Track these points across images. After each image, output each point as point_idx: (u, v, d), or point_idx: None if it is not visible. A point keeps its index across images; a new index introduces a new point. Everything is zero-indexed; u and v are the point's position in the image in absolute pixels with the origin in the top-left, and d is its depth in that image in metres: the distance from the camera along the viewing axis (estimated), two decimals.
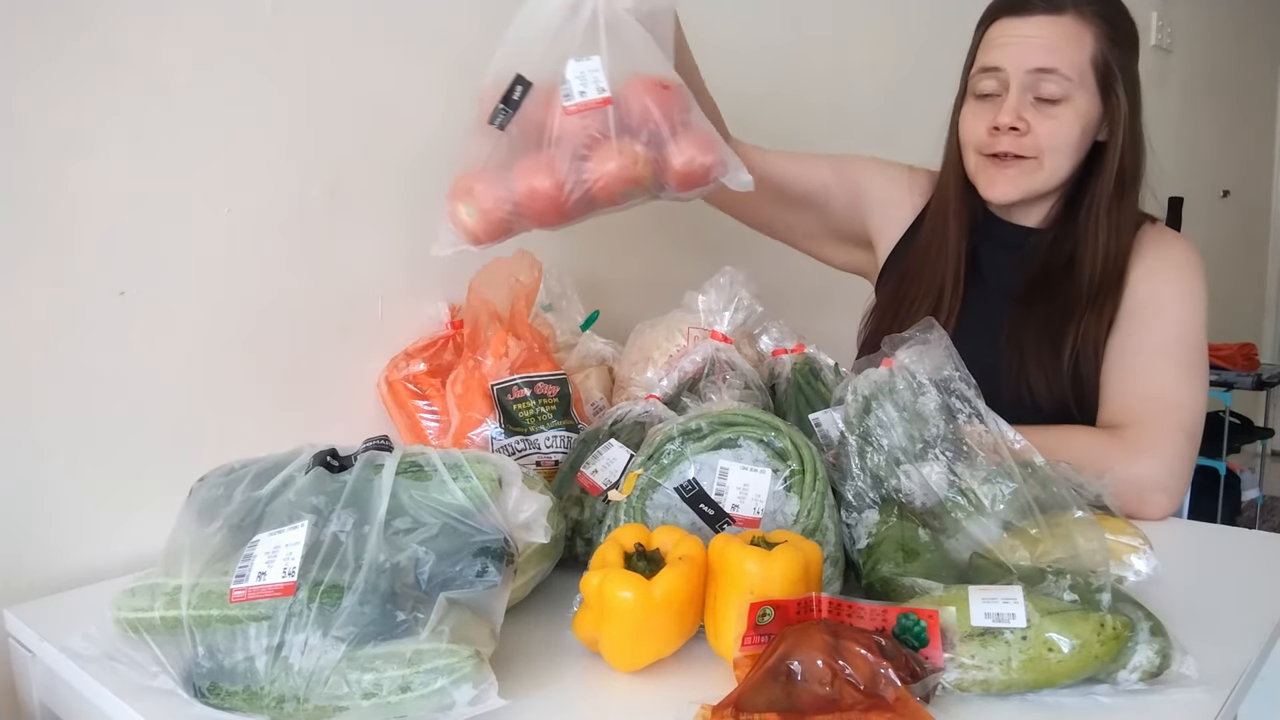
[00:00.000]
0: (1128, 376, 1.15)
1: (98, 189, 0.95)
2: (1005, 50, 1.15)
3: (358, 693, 0.66)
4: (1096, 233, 1.17)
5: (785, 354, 1.12)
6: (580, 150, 0.87)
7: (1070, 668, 0.69)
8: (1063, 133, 1.14)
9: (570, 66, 0.88)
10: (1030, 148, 1.15)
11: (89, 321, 0.96)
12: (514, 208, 0.90)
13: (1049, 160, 1.16)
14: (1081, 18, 1.13)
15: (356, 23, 1.14)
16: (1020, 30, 1.14)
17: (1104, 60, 1.14)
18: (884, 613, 0.71)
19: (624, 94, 0.87)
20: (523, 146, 0.90)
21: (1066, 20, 1.13)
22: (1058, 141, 1.14)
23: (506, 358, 1.08)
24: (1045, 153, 1.15)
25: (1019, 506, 0.83)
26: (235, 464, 0.82)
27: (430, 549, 0.72)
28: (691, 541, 0.76)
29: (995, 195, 1.19)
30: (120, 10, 0.95)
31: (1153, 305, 1.15)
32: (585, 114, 0.87)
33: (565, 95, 0.87)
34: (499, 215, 0.90)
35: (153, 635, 0.71)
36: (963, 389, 0.91)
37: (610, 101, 0.87)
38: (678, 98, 0.89)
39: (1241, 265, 4.32)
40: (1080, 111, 1.14)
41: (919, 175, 1.35)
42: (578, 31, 0.88)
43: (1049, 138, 1.14)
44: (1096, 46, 1.13)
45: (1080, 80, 1.13)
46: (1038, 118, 1.14)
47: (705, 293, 1.11)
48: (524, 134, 0.89)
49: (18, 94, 0.90)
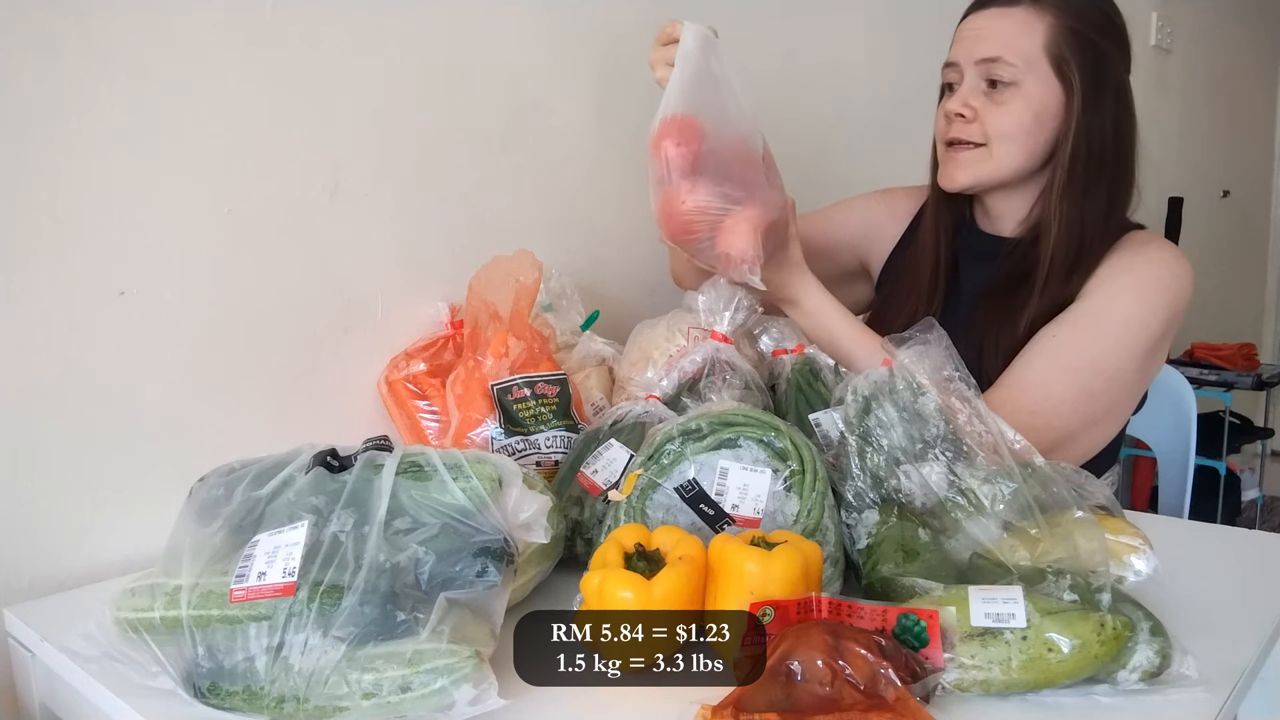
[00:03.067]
0: (1020, 361, 1.11)
1: (98, 189, 0.95)
2: (959, 45, 1.18)
3: (358, 693, 0.66)
4: (1051, 222, 1.15)
5: (785, 354, 1.13)
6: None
7: (1070, 668, 0.69)
8: (1009, 118, 1.14)
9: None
10: (978, 134, 1.16)
11: (89, 321, 0.96)
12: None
13: (997, 146, 1.16)
14: (1038, 7, 1.14)
15: (356, 23, 1.14)
16: (975, 24, 1.17)
17: (1058, 49, 1.13)
18: (884, 613, 0.71)
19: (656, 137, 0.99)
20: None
21: (1018, 11, 1.14)
22: (1004, 127, 1.15)
23: (506, 358, 1.08)
24: (993, 139, 1.16)
25: (1019, 506, 0.83)
26: (235, 464, 0.82)
27: (430, 549, 0.72)
28: (691, 541, 0.76)
29: (946, 182, 1.20)
30: (120, 10, 0.95)
31: (1092, 314, 1.11)
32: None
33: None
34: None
35: (153, 635, 0.72)
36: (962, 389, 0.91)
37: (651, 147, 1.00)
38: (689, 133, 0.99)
39: (1241, 265, 4.32)
40: (1030, 98, 1.13)
41: (893, 195, 1.38)
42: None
43: (994, 123, 1.15)
44: (1050, 34, 1.13)
45: (1029, 66, 1.13)
46: (986, 104, 1.15)
47: (705, 293, 1.11)
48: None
49: (18, 94, 0.90)
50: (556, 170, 1.38)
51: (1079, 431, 1.13)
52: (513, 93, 1.32)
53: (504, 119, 1.31)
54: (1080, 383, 1.10)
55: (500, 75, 1.30)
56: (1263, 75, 4.29)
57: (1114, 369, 1.11)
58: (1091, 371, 1.10)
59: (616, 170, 1.46)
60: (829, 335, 1.11)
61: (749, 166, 1.01)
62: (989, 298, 1.19)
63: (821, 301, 1.12)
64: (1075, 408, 1.11)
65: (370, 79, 1.16)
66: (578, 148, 1.41)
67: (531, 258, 1.16)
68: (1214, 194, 3.76)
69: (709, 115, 0.98)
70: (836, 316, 1.11)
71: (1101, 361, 1.10)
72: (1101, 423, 1.16)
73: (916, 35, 2.01)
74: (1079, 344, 1.10)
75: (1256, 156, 4.32)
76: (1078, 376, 1.10)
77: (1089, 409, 1.12)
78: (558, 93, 1.38)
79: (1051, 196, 1.16)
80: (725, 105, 0.99)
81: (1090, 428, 1.15)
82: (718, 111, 0.99)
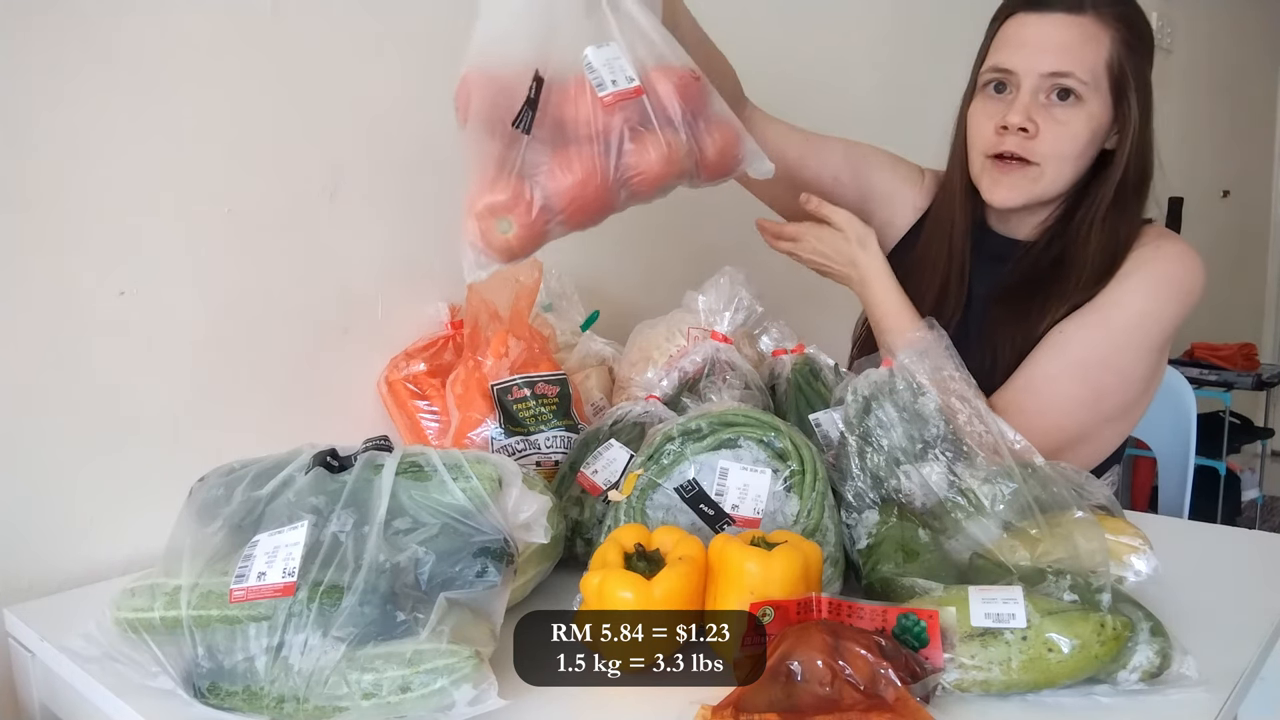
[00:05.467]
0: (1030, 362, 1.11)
1: (98, 189, 0.95)
2: (1020, 52, 1.10)
3: (358, 693, 0.66)
4: (1089, 239, 1.11)
5: (785, 354, 1.12)
6: (622, 143, 0.84)
7: (1070, 668, 0.69)
8: (1070, 139, 1.09)
9: (592, 54, 0.84)
10: (1036, 152, 1.10)
11: (89, 321, 0.96)
12: (555, 213, 0.85)
13: (1052, 167, 1.11)
14: (1101, 19, 1.08)
15: (356, 23, 1.14)
16: (1037, 29, 1.10)
17: (1119, 65, 1.09)
18: (884, 613, 0.71)
19: (650, 83, 0.85)
20: (549, 146, 0.84)
21: (1086, 21, 1.08)
22: (1064, 148, 1.10)
23: (506, 358, 1.08)
24: (1049, 159, 1.10)
25: (1019, 506, 0.83)
26: (235, 464, 0.82)
27: (430, 549, 0.72)
28: (691, 542, 0.76)
29: (997, 199, 1.14)
30: (120, 10, 0.95)
31: (1102, 310, 1.10)
32: (621, 105, 0.83)
33: (598, 85, 0.83)
34: (539, 224, 0.85)
35: (153, 635, 0.72)
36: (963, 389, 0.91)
37: (642, 91, 0.84)
38: (703, 87, 0.88)
39: (1241, 265, 4.32)
40: (1091, 116, 1.09)
41: (928, 177, 1.31)
42: (578, 13, 0.84)
43: (1055, 143, 1.09)
44: (1113, 50, 1.08)
45: (1094, 84, 1.08)
46: (1047, 121, 1.09)
47: (705, 293, 1.11)
48: (548, 133, 0.84)
49: (18, 94, 0.90)
50: None
51: (1092, 431, 1.12)
52: None
53: None
54: (1092, 380, 1.09)
55: None
56: (1263, 75, 4.29)
57: (1126, 365, 1.10)
58: (1103, 368, 1.09)
59: None
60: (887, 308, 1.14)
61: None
62: (1002, 302, 1.16)
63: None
64: (1087, 406, 1.10)
65: (370, 79, 1.16)
66: None
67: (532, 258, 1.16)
68: (1214, 194, 3.76)
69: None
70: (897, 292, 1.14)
71: (1113, 358, 1.09)
72: (1115, 420, 1.15)
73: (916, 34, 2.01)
74: (1089, 341, 1.09)
75: (1256, 156, 4.32)
76: (1089, 374, 1.09)
77: (1101, 407, 1.11)
78: None
79: (1094, 213, 1.12)
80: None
81: (1103, 426, 1.14)
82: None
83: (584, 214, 0.86)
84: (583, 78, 0.84)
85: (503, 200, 0.83)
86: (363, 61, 1.15)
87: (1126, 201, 1.13)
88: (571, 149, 0.84)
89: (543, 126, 0.84)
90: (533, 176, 0.84)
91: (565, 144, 0.84)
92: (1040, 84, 1.09)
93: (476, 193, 0.84)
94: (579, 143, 0.84)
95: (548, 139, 0.84)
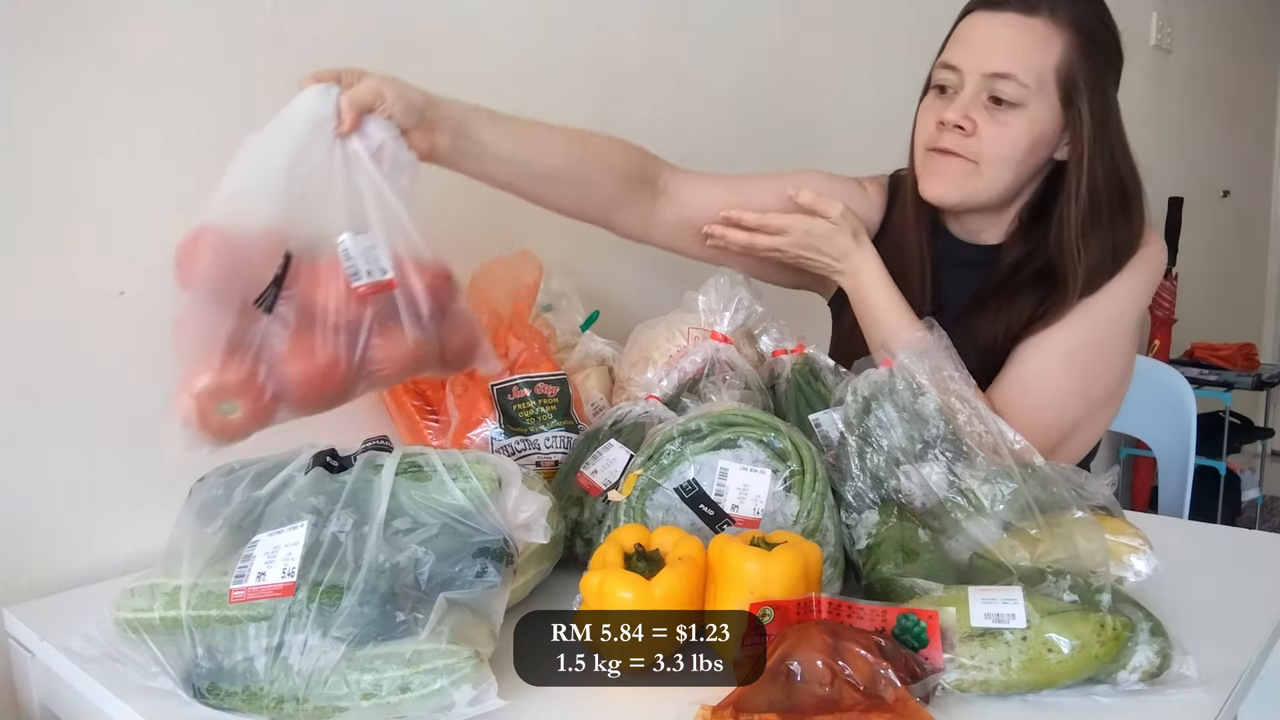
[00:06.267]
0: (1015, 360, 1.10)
1: (98, 189, 0.95)
2: (967, 48, 1.09)
3: (357, 693, 0.66)
4: (1078, 258, 1.09)
5: (785, 354, 1.12)
6: (370, 336, 0.81)
7: (1070, 668, 0.69)
8: (1008, 141, 1.07)
9: (349, 241, 0.81)
10: (973, 150, 1.09)
11: (89, 321, 0.96)
12: (287, 399, 0.81)
13: (988, 168, 1.09)
14: (1055, 23, 1.06)
15: (356, 22, 1.14)
16: (987, 28, 1.09)
17: (1069, 71, 1.07)
18: (884, 613, 0.71)
19: (404, 276, 0.83)
20: (289, 329, 0.80)
21: (1037, 23, 1.06)
22: (1001, 150, 1.08)
23: (506, 358, 1.08)
24: (986, 159, 1.09)
25: (1019, 507, 0.83)
26: (235, 464, 0.82)
27: (430, 549, 0.72)
28: (691, 542, 0.76)
29: (930, 193, 1.13)
30: (120, 10, 0.95)
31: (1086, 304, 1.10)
32: (375, 297, 0.81)
33: (353, 274, 0.80)
34: (269, 409, 0.80)
35: (152, 635, 0.72)
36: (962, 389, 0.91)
37: (396, 284, 0.82)
38: (453, 286, 0.87)
39: (1241, 265, 4.32)
40: (1034, 121, 1.07)
41: (870, 187, 1.27)
42: (335, 190, 0.82)
43: (992, 144, 1.08)
44: (1064, 55, 1.06)
45: (1038, 88, 1.06)
46: (987, 121, 1.08)
47: (705, 293, 1.11)
48: (290, 313, 0.80)
49: (18, 94, 0.90)
50: None
51: (1083, 419, 1.13)
52: (512, 93, 1.32)
53: None
54: (1078, 368, 1.10)
55: (499, 75, 1.30)
56: (1263, 75, 4.29)
57: (1109, 349, 1.11)
58: (1087, 354, 1.10)
59: None
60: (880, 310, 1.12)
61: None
62: (978, 309, 1.15)
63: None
64: (1078, 396, 1.11)
65: None
66: None
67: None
68: (1214, 194, 3.76)
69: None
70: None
71: (1097, 345, 1.10)
72: (1104, 405, 1.16)
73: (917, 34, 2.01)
74: (1070, 329, 1.09)
75: (1256, 156, 4.32)
76: (1074, 362, 1.09)
77: (1090, 393, 1.12)
78: (557, 93, 1.37)
79: (1072, 228, 1.09)
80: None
81: (1094, 412, 1.15)
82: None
83: (318, 401, 0.82)
84: (335, 262, 0.81)
85: (232, 382, 0.78)
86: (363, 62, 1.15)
87: (1112, 217, 1.10)
88: (315, 334, 0.80)
89: (285, 304, 0.80)
90: (268, 359, 0.79)
91: (308, 328, 0.80)
92: (982, 84, 1.07)
93: (199, 368, 0.79)
94: (325, 330, 0.80)
95: (289, 320, 0.80)
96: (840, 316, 1.28)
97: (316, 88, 0.85)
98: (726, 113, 1.64)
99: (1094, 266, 1.09)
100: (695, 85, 1.57)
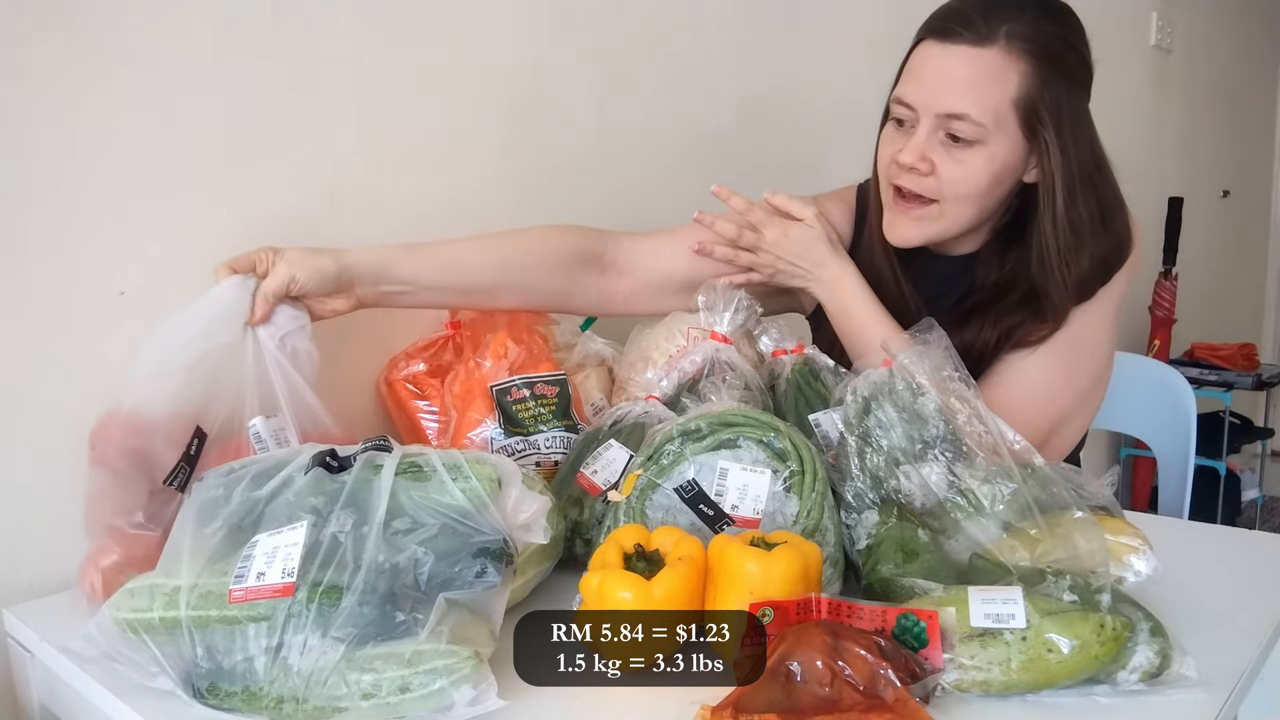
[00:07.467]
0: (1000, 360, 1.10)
1: (98, 189, 0.95)
2: (918, 85, 1.05)
3: (357, 693, 0.66)
4: (1065, 283, 1.06)
5: (785, 354, 1.12)
6: None
7: (1070, 668, 0.69)
8: (968, 180, 1.04)
9: (260, 425, 0.88)
10: (932, 189, 1.06)
11: (89, 321, 0.96)
12: None
13: (950, 207, 1.07)
14: (1009, 53, 1.01)
15: (356, 22, 1.14)
16: (938, 63, 1.04)
17: (1029, 101, 1.02)
18: (883, 613, 0.71)
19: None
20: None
21: (991, 55, 1.01)
22: (960, 189, 1.05)
23: (506, 359, 1.08)
24: (947, 198, 1.06)
25: (1019, 507, 0.83)
26: (235, 464, 0.82)
27: (429, 549, 0.72)
28: (691, 542, 0.76)
29: (896, 238, 1.11)
30: (120, 10, 0.95)
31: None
32: None
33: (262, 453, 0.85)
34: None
35: (152, 635, 0.71)
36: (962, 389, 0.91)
37: None
38: None
39: (1241, 265, 4.32)
40: (993, 157, 1.04)
41: (826, 203, 1.22)
42: (248, 378, 0.88)
43: (952, 184, 1.05)
44: (1023, 86, 1.01)
45: (996, 125, 1.02)
46: (945, 160, 1.04)
47: (705, 293, 1.11)
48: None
49: (18, 94, 0.90)
50: (557, 170, 1.38)
51: (1071, 410, 1.13)
52: (513, 93, 1.32)
53: (504, 119, 1.31)
54: (1063, 360, 1.10)
55: (500, 76, 1.30)
56: (1263, 75, 4.29)
57: (1091, 338, 1.11)
58: (1071, 346, 1.10)
59: (617, 170, 1.45)
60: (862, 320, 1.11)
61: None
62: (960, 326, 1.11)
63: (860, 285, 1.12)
64: (1064, 386, 1.11)
65: (371, 79, 1.16)
66: (578, 148, 1.41)
67: None
68: (1214, 194, 3.76)
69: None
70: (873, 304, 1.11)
71: (1077, 333, 1.10)
72: (1090, 394, 1.16)
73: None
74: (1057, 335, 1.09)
75: (1256, 156, 4.32)
76: (1059, 355, 1.09)
77: (1076, 383, 1.12)
78: (558, 93, 1.38)
79: (1047, 256, 1.06)
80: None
81: (1082, 402, 1.15)
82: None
83: None
84: (244, 442, 0.87)
85: (139, 558, 0.82)
86: (363, 62, 1.15)
87: (1094, 234, 1.07)
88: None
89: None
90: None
91: None
92: (937, 123, 1.04)
93: (109, 545, 0.83)
94: None
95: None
96: (819, 330, 1.26)
97: (234, 279, 0.92)
98: (726, 113, 1.64)
99: (1083, 279, 1.08)
100: (695, 85, 1.58)
